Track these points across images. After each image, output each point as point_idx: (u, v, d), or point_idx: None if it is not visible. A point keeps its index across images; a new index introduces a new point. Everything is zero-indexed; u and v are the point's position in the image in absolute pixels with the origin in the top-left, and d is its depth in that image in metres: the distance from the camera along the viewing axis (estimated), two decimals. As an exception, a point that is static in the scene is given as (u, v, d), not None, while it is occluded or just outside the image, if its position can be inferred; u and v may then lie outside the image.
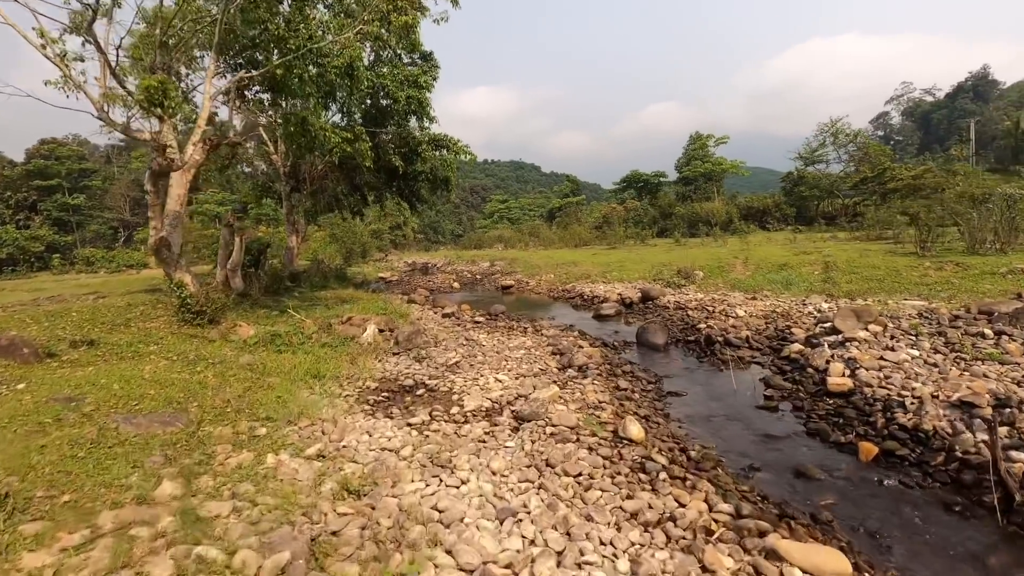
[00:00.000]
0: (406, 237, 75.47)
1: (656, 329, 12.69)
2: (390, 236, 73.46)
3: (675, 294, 17.45)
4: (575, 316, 17.26)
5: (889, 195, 38.76)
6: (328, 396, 8.82)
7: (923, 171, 38.83)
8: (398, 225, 75.90)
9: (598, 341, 12.84)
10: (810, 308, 13.74)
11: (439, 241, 79.80)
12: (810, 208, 45.20)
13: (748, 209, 46.27)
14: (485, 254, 43.01)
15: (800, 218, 44.32)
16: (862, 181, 41.63)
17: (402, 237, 74.96)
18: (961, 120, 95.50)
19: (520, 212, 79.24)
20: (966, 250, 17.78)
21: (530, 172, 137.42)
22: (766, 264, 20.22)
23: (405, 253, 64.16)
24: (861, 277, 15.96)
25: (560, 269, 26.37)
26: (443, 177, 21.35)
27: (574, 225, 50.63)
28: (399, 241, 73.75)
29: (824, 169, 46.79)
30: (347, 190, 22.08)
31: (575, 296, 20.26)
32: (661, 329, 12.71)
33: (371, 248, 55.80)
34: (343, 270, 28.96)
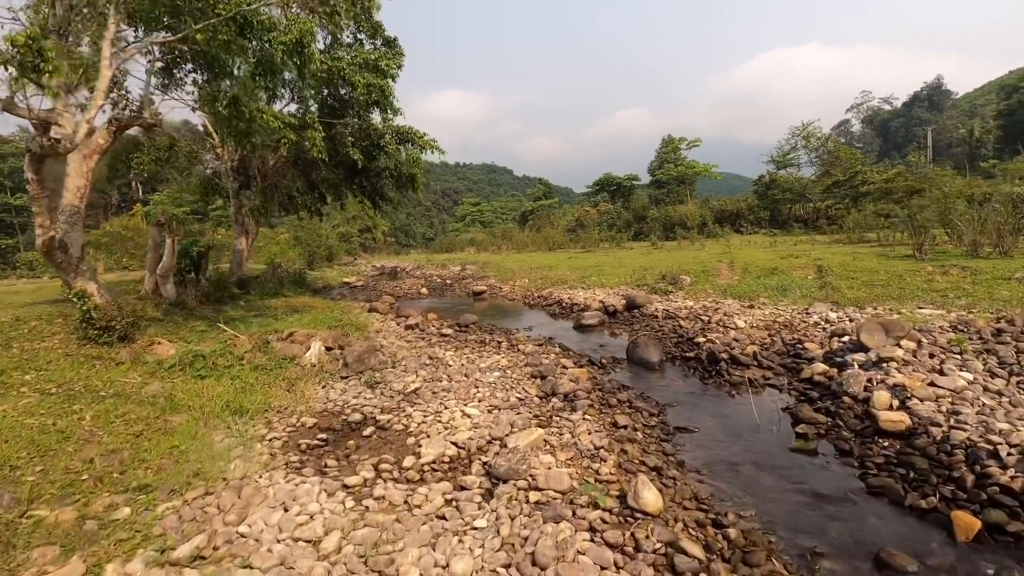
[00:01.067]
0: (376, 240, 72.78)
1: (648, 344, 10.84)
2: (359, 239, 70.75)
3: (663, 301, 15.68)
4: (554, 326, 15.35)
5: (860, 198, 38.05)
6: (246, 441, 6.70)
7: (894, 174, 38.19)
8: (368, 228, 73.23)
9: (583, 358, 10.93)
10: (815, 318, 12.07)
11: (410, 244, 77.29)
12: (782, 212, 44.35)
13: (722, 212, 45.18)
14: (456, 258, 40.94)
15: (773, 221, 43.41)
16: (834, 184, 40.84)
17: (372, 240, 72.25)
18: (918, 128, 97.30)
19: (493, 215, 77.29)
20: (966, 253, 16.45)
21: (503, 175, 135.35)
22: (754, 268, 18.65)
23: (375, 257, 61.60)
24: (861, 283, 14.41)
25: (535, 274, 24.48)
26: (409, 174, 19.26)
27: (547, 228, 48.90)
28: (369, 244, 71.06)
29: (796, 173, 45.98)
30: (303, 188, 19.79)
31: (552, 303, 18.38)
32: (654, 344, 10.86)
33: (339, 251, 53.23)
34: (303, 275, 26.60)
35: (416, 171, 19.02)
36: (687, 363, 10.44)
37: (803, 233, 35.92)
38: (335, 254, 52.16)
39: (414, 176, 19.17)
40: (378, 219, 75.85)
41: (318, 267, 39.07)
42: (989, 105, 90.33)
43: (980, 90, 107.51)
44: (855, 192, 39.08)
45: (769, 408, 7.91)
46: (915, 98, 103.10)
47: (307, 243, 45.35)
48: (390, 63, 16.06)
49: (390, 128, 16.97)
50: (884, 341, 8.67)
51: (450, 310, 19.38)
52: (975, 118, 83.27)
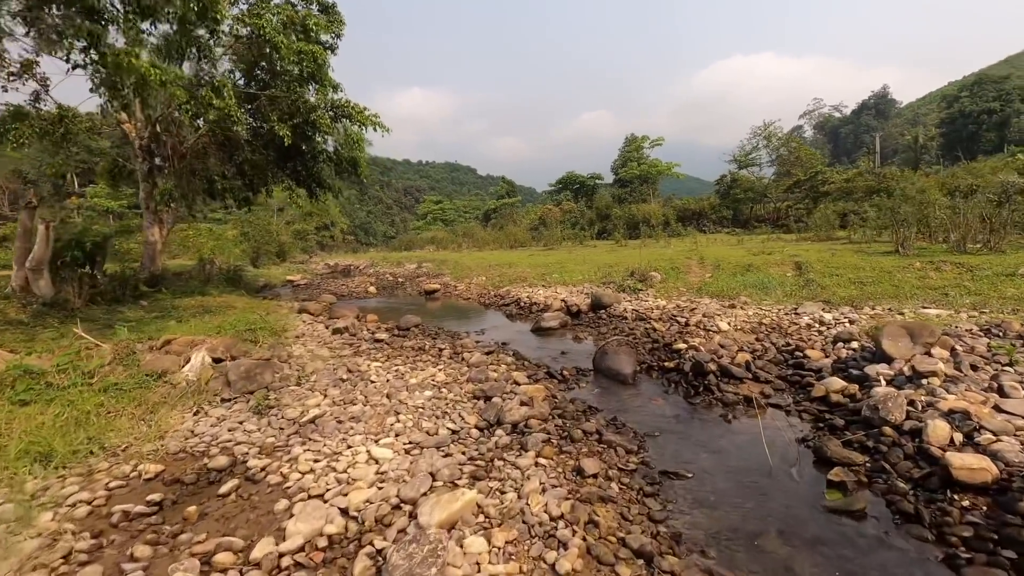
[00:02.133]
0: (334, 238, 69.47)
1: (619, 351, 8.78)
2: (316, 237, 67.35)
3: (632, 300, 13.70)
4: (510, 329, 13.20)
5: (820, 198, 37.27)
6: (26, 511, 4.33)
7: (854, 174, 37.54)
8: (325, 226, 69.90)
9: (541, 370, 8.78)
10: (806, 319, 10.26)
11: (370, 243, 74.14)
12: (743, 211, 43.39)
13: (684, 211, 43.96)
14: (414, 256, 38.51)
15: (735, 221, 42.39)
16: (795, 184, 40.02)
17: (330, 238, 68.93)
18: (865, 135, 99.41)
19: (455, 214, 74.82)
20: (952, 248, 15.02)
21: (466, 174, 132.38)
22: (727, 265, 16.91)
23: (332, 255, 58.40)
24: (847, 280, 12.73)
25: (493, 271, 22.29)
26: (349, 157, 16.80)
27: (509, 226, 46.84)
28: (327, 242, 67.72)
29: (758, 172, 45.08)
30: (231, 173, 17.09)
31: (510, 303, 16.23)
32: (626, 351, 8.80)
33: (291, 249, 50.00)
34: (239, 272, 23.77)
35: (358, 154, 16.59)
36: (666, 375, 8.40)
37: (766, 232, 34.77)
38: (287, 251, 48.96)
39: (356, 160, 16.73)
40: (337, 216, 72.59)
41: (264, 265, 36.02)
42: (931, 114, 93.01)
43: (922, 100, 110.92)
44: (815, 192, 38.34)
45: (781, 440, 5.91)
46: (863, 106, 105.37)
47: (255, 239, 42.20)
48: (321, 23, 13.62)
49: (323, 101, 14.48)
50: (911, 349, 6.81)
51: (395, 311, 17.03)
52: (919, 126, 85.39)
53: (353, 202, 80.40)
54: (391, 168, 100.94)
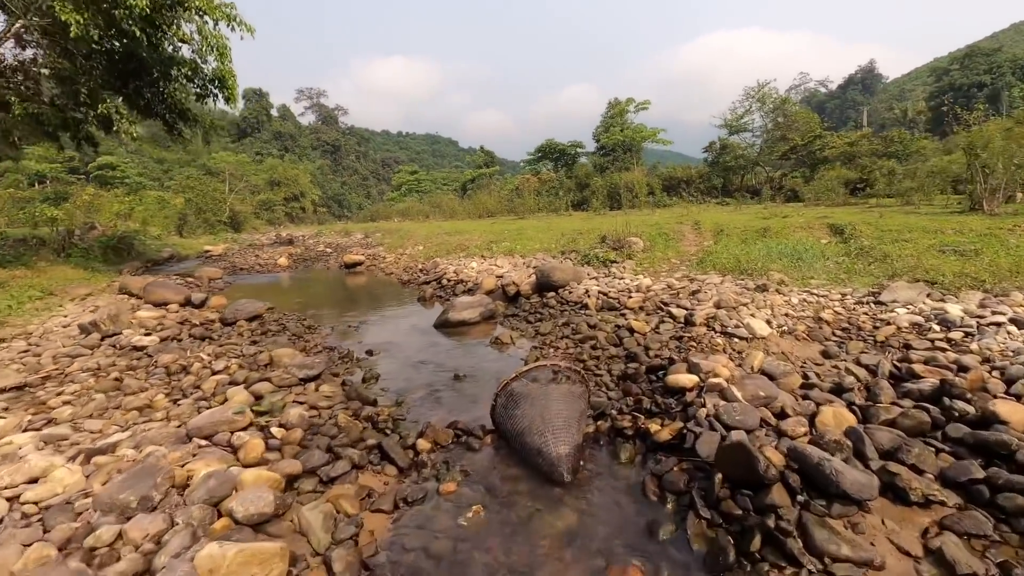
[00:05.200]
0: (304, 210, 63.57)
1: (548, 398, 3.74)
2: (285, 208, 61.54)
3: (600, 277, 8.71)
4: (410, 320, 8.22)
5: (819, 164, 32.52)
6: None
7: (859, 137, 32.67)
8: (295, 196, 63.96)
9: (368, 435, 3.78)
10: (904, 315, 5.40)
11: (344, 215, 68.32)
12: (733, 181, 38.44)
13: (670, 180, 38.81)
14: (370, 226, 33.40)
15: (724, 191, 37.47)
16: (791, 150, 35.04)
17: (300, 210, 63.02)
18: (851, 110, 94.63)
19: (432, 185, 68.96)
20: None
21: (447, 146, 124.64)
22: (732, 230, 11.98)
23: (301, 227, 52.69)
24: (927, 248, 7.81)
25: (436, 239, 17.17)
26: (214, 76, 11.45)
27: (479, 195, 41.62)
28: (296, 214, 61.85)
29: (749, 139, 39.94)
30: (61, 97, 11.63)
31: (433, 280, 11.13)
32: (563, 397, 3.76)
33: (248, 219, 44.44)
34: (127, 241, 18.50)
35: (224, 69, 11.26)
36: (653, 459, 3.42)
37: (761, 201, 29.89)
38: (244, 222, 43.43)
39: (223, 78, 11.42)
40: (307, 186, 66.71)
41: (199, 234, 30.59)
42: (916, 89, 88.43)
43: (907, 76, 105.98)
44: (813, 159, 33.50)
45: None
46: (850, 81, 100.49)
47: (199, 206, 36.68)
48: None
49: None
50: None
51: (282, 289, 12.02)
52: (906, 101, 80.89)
53: (327, 172, 73.99)
54: (368, 139, 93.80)
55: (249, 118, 74.74)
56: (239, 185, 49.79)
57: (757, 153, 38.58)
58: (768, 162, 38.85)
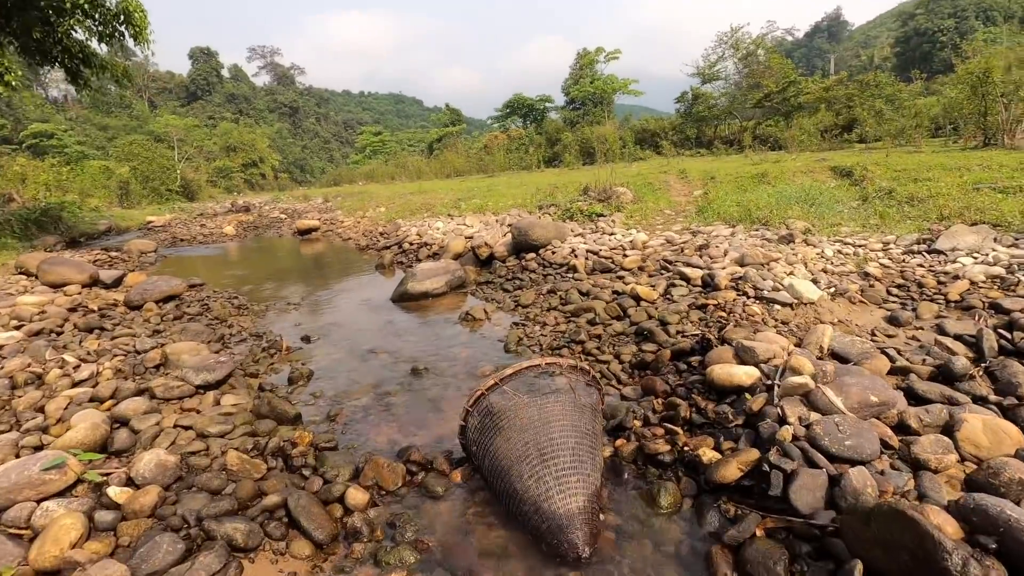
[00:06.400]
0: (265, 176, 60.06)
1: (550, 422, 2.43)
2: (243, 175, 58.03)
3: (587, 234, 7.38)
4: (363, 293, 6.81)
5: (794, 112, 31.48)
6: None
7: (834, 82, 31.62)
8: (253, 163, 60.35)
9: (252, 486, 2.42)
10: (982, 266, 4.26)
11: (307, 180, 64.97)
12: (707, 132, 37.18)
13: (643, 132, 37.37)
14: (332, 190, 31.42)
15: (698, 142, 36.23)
16: (765, 97, 33.80)
17: (260, 176, 59.50)
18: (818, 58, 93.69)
19: (398, 146, 65.80)
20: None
21: (411, 106, 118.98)
22: (726, 178, 10.75)
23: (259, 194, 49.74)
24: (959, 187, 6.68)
25: (399, 200, 15.55)
26: (118, 10, 9.43)
27: (446, 153, 39.63)
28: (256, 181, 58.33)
29: (723, 87, 38.49)
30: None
31: (393, 244, 9.64)
32: (571, 415, 2.45)
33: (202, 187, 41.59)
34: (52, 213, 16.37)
35: (129, 2, 9.25)
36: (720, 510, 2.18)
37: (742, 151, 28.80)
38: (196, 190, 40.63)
39: (128, 13, 9.41)
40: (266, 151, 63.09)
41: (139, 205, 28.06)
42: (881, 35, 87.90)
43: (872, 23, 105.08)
44: (787, 106, 32.38)
45: None
46: (816, 29, 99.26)
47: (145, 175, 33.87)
48: None
49: None
50: None
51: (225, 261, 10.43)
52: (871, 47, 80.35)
53: (286, 136, 69.89)
54: (328, 100, 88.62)
55: (198, 79, 69.66)
56: (190, 151, 46.43)
57: (730, 102, 37.31)
58: (742, 111, 37.69)
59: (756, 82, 36.64)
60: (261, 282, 8.00)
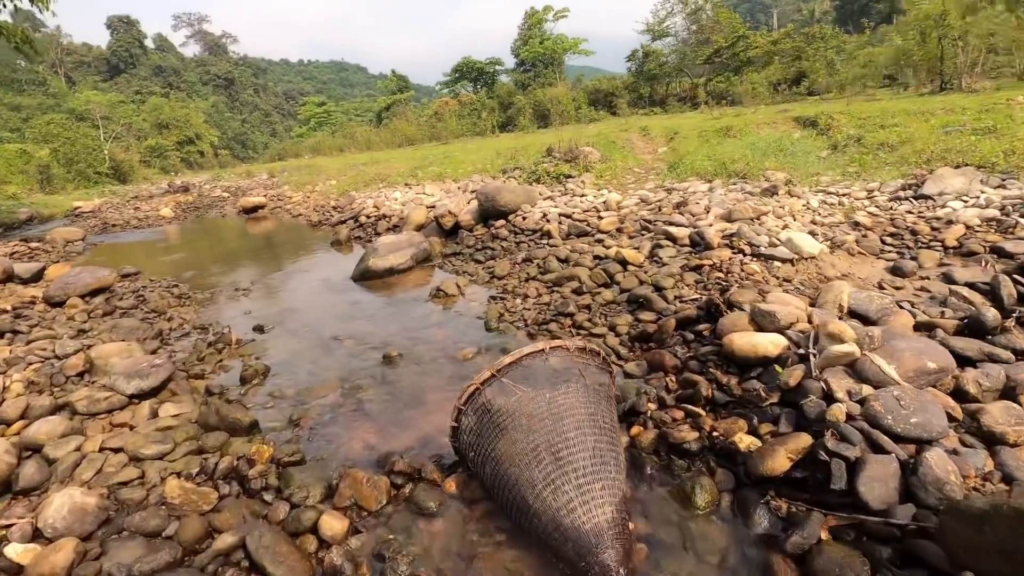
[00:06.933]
0: (204, 154, 56.45)
1: (558, 413, 2.06)
2: (180, 154, 54.36)
3: (556, 196, 6.95)
4: (321, 273, 6.21)
5: (743, 67, 31.54)
6: None
7: (781, 35, 31.74)
8: (190, 140, 56.58)
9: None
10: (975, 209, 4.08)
11: (249, 157, 61.56)
12: (659, 90, 36.91)
13: (596, 93, 36.77)
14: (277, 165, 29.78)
15: (651, 101, 35.96)
16: (715, 53, 33.67)
17: (199, 155, 55.88)
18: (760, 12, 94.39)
19: (344, 117, 62.82)
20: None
21: (356, 74, 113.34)
22: (690, 134, 10.45)
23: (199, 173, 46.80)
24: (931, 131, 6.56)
25: (351, 172, 14.67)
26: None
27: (395, 121, 38.11)
28: (195, 160, 54.75)
29: (672, 44, 38.11)
30: None
31: (349, 218, 8.95)
32: (587, 405, 2.07)
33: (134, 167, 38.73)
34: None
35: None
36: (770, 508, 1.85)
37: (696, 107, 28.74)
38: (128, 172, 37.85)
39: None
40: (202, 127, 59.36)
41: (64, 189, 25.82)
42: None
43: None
44: (737, 61, 32.39)
45: None
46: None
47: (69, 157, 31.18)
48: None
49: None
50: None
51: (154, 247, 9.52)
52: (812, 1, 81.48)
53: (223, 111, 65.64)
54: (266, 70, 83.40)
55: (119, 51, 64.25)
56: (117, 130, 43.03)
57: (680, 59, 37.09)
58: (692, 68, 37.58)
59: (706, 38, 36.46)
60: (205, 267, 7.25)
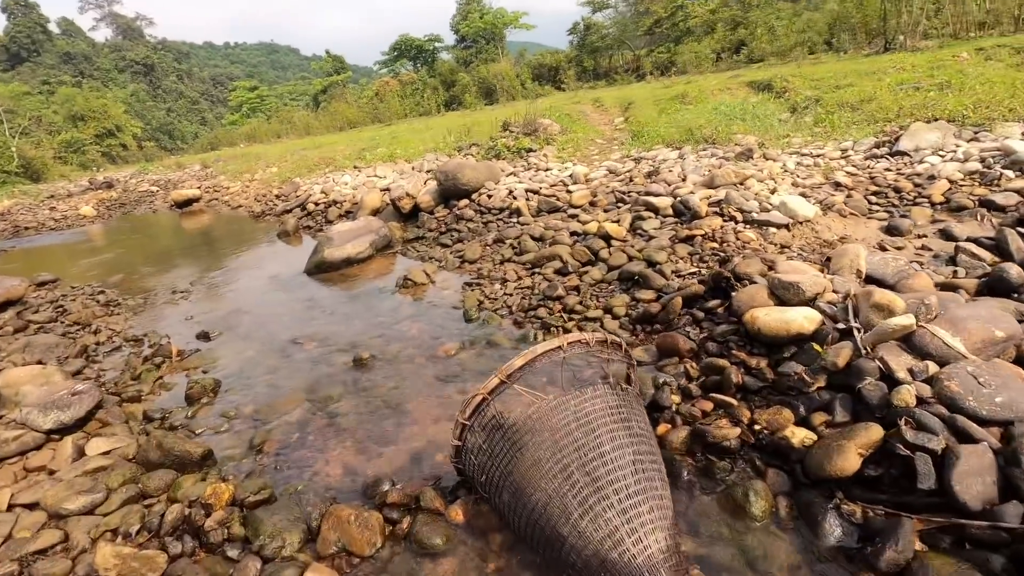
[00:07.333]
0: (127, 147, 52.40)
1: (588, 424, 1.74)
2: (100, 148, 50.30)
3: (520, 172, 6.57)
4: (270, 268, 5.62)
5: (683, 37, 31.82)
6: None
7: (719, 4, 32.10)
8: (110, 132, 52.37)
9: None
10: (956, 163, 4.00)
11: (179, 148, 57.70)
12: (602, 63, 36.79)
13: (540, 67, 36.26)
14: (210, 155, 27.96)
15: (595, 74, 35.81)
16: (655, 23, 33.76)
17: (121, 148, 51.81)
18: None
19: (279, 102, 59.63)
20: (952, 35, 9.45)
21: (287, 56, 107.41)
22: (645, 103, 10.26)
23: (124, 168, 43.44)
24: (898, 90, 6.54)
25: (293, 158, 13.76)
26: None
27: (335, 104, 36.51)
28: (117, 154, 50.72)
29: (613, 15, 37.93)
30: None
31: (295, 207, 8.28)
32: (619, 411, 1.76)
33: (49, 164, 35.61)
34: None
35: None
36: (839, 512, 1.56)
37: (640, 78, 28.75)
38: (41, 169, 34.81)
39: None
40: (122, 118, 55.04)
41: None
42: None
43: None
44: (677, 31, 32.61)
45: None
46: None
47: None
48: None
49: None
50: None
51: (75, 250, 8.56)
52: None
53: (144, 99, 60.95)
54: (189, 54, 77.86)
55: (19, 37, 58.49)
56: (25, 124, 39.30)
57: (621, 31, 37.10)
58: (633, 40, 37.66)
59: (645, 8, 36.52)
60: (135, 269, 6.50)
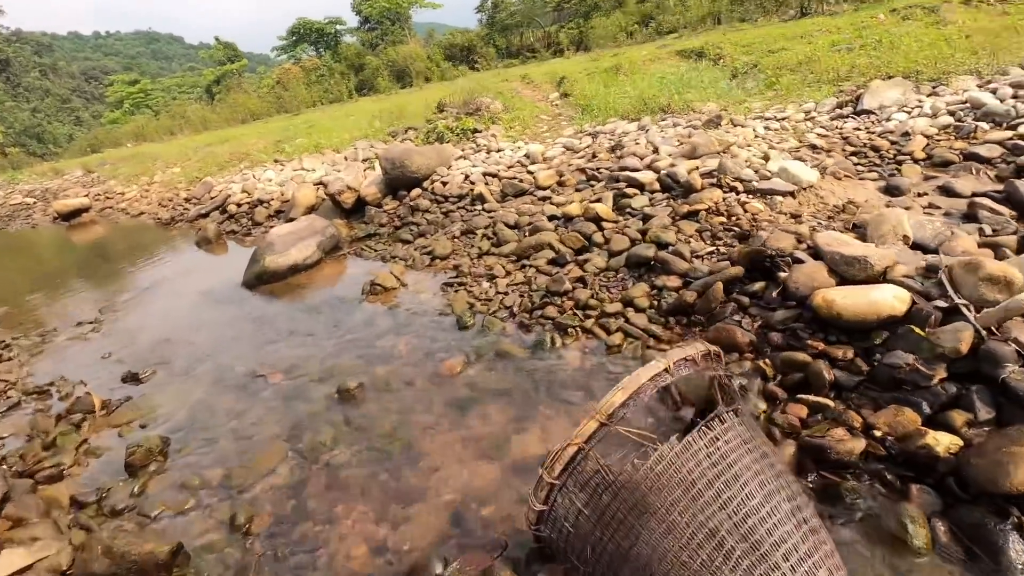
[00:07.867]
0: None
1: (728, 475, 1.52)
2: (-49, 158, 43.66)
3: (470, 154, 6.04)
4: (199, 284, 4.80)
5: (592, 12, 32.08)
6: None
7: (625, -21, 32.51)
8: (-39, 139, 45.62)
9: None
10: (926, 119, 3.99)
11: (51, 153, 51.21)
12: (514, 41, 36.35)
13: (451, 48, 35.22)
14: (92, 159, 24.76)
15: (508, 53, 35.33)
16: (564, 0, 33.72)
17: (-21, 156, 45.19)
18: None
19: (166, 95, 54.31)
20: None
21: (170, 45, 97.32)
22: (578, 76, 9.96)
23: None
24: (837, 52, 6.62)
25: (197, 156, 12.34)
26: None
27: (234, 95, 33.69)
28: (-29, 163, 44.16)
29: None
30: None
31: (212, 209, 7.27)
32: (760, 459, 1.39)
33: None
34: None
35: None
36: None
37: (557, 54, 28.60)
38: None
39: None
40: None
41: None
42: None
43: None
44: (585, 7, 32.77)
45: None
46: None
47: None
48: None
49: None
50: None
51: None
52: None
53: (2, 100, 53.33)
54: (51, 46, 68.71)
55: None
56: None
57: (530, 7, 36.77)
58: (543, 16, 37.46)
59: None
60: (20, 299, 5.38)
